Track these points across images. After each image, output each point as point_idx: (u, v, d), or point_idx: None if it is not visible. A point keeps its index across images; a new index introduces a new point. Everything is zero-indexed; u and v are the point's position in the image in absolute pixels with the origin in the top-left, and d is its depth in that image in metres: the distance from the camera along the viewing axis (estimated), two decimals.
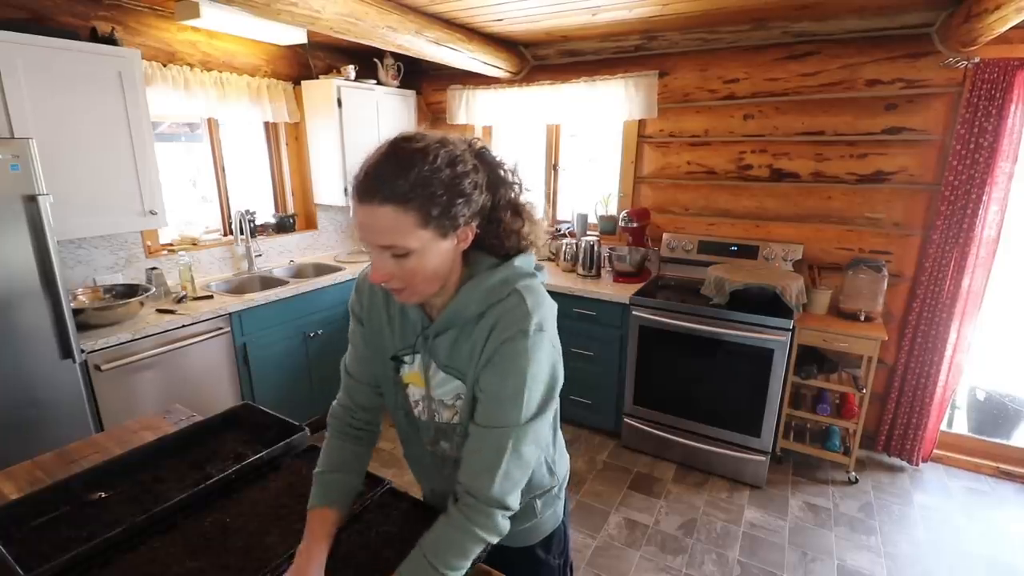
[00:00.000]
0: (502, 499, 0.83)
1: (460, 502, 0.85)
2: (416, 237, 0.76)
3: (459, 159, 0.77)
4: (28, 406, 1.95)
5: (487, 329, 0.84)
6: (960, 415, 3.10)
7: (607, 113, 3.23)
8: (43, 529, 1.02)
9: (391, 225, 0.74)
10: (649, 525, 2.45)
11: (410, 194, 0.73)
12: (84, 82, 2.17)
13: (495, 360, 0.83)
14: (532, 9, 2.56)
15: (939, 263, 2.61)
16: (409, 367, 0.95)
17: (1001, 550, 2.32)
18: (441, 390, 0.92)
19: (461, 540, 0.83)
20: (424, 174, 0.74)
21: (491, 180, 0.83)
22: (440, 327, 0.88)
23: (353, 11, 2.19)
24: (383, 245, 0.77)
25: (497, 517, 0.84)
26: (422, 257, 0.78)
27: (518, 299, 0.84)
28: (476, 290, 0.85)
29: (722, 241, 3.11)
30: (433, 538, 0.84)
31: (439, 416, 0.95)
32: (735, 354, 2.63)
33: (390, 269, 0.79)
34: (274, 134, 3.49)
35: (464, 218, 0.79)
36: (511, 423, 0.83)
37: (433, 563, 0.81)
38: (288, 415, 1.36)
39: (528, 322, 0.82)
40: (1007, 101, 2.35)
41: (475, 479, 0.84)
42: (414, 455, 1.08)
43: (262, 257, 3.32)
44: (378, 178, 0.75)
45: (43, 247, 1.90)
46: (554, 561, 1.10)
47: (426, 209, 0.74)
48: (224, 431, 1.37)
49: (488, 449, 0.83)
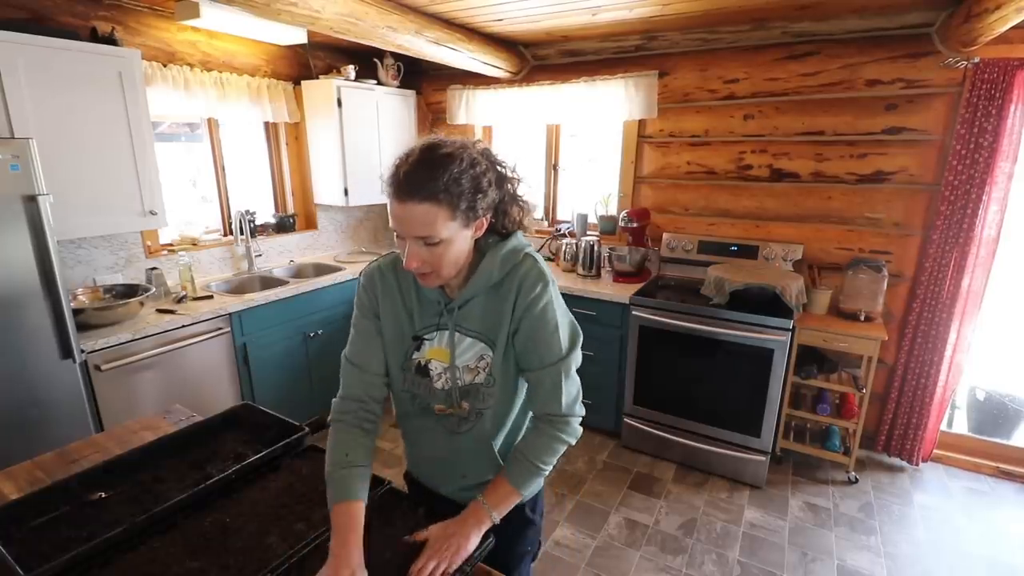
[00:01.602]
0: (569, 411, 1.06)
1: (542, 420, 1.07)
2: (446, 228, 0.90)
3: (477, 161, 0.92)
4: (28, 406, 1.94)
5: (513, 291, 1.01)
6: (960, 415, 3.10)
7: (607, 113, 3.23)
8: (43, 529, 1.02)
9: (426, 219, 0.88)
10: (649, 525, 2.45)
11: (442, 193, 0.88)
12: (84, 82, 2.17)
13: (527, 315, 1.01)
14: (532, 9, 2.56)
15: (939, 263, 2.61)
16: (430, 344, 1.06)
17: (1001, 550, 2.32)
18: (466, 356, 1.05)
19: (548, 443, 1.06)
20: (454, 175, 0.88)
21: (499, 177, 0.98)
22: (466, 296, 1.02)
23: (353, 11, 2.19)
24: (419, 236, 0.90)
25: (573, 423, 1.06)
26: (449, 245, 0.92)
27: (532, 261, 1.03)
28: (495, 259, 1.01)
29: (722, 241, 3.11)
30: (527, 444, 1.07)
31: (461, 381, 1.06)
32: (735, 354, 2.62)
33: (423, 256, 0.93)
34: (274, 134, 3.49)
35: (482, 210, 0.94)
36: (556, 358, 1.02)
37: (531, 459, 1.05)
38: (288, 415, 1.36)
39: (545, 277, 1.02)
40: (1007, 101, 2.35)
41: (547, 405, 1.06)
42: (417, 427, 1.16)
43: (262, 257, 3.32)
44: (415, 180, 0.88)
45: (43, 247, 1.90)
46: (538, 521, 1.24)
47: (455, 204, 0.89)
48: (224, 431, 1.37)
49: (548, 383, 1.04)
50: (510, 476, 1.05)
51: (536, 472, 1.05)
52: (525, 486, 1.06)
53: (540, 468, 1.05)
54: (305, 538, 0.98)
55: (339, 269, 3.32)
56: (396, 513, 1.09)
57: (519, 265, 1.02)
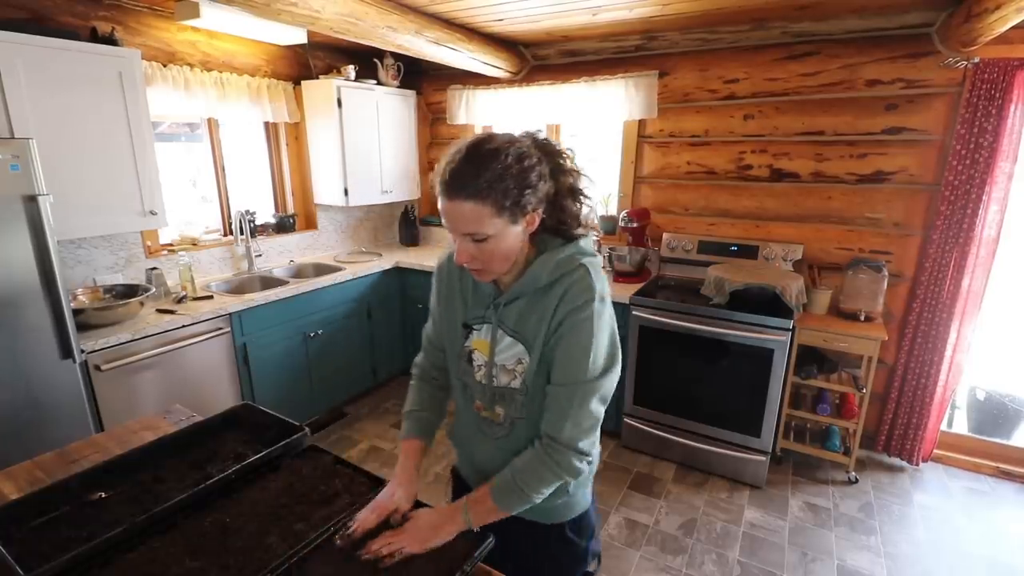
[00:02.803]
0: (572, 442, 0.97)
1: (541, 442, 1.00)
2: (492, 225, 0.90)
3: (526, 155, 0.90)
4: (28, 406, 1.94)
5: (557, 298, 0.97)
6: (960, 415, 3.10)
7: (607, 113, 3.23)
8: (43, 529, 1.02)
9: (471, 217, 0.89)
10: (649, 525, 2.45)
11: (486, 190, 0.87)
12: (84, 82, 2.17)
13: (565, 326, 0.97)
14: (532, 9, 2.56)
15: (939, 263, 2.61)
16: (477, 334, 1.08)
17: (1001, 550, 2.32)
18: (504, 355, 1.04)
19: (537, 469, 0.99)
20: (497, 172, 0.87)
21: (553, 169, 0.95)
22: (512, 295, 1.02)
23: (353, 11, 2.19)
24: (466, 233, 0.91)
25: (570, 457, 0.98)
26: (497, 241, 0.92)
27: (584, 272, 0.97)
28: (548, 263, 0.98)
29: (722, 241, 3.11)
30: (519, 461, 1.01)
31: (497, 380, 1.06)
32: (735, 354, 2.62)
33: (471, 252, 0.94)
34: (274, 134, 3.49)
35: (531, 205, 0.92)
36: (580, 379, 0.96)
37: (518, 482, 0.99)
38: (288, 415, 1.36)
39: (594, 292, 0.96)
40: (1007, 101, 2.35)
41: (551, 426, 0.99)
42: (464, 422, 1.19)
43: (262, 257, 3.32)
44: (459, 178, 0.88)
45: (43, 247, 1.90)
46: (581, 544, 1.17)
47: (499, 201, 0.88)
48: (224, 431, 1.37)
49: (562, 401, 0.98)
50: (494, 490, 1.00)
51: (521, 497, 0.99)
52: (508, 506, 1.00)
53: (525, 494, 0.99)
54: (305, 538, 0.98)
55: (339, 269, 3.32)
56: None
57: (570, 274, 0.98)
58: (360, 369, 3.46)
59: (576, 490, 1.13)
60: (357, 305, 3.32)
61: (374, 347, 3.51)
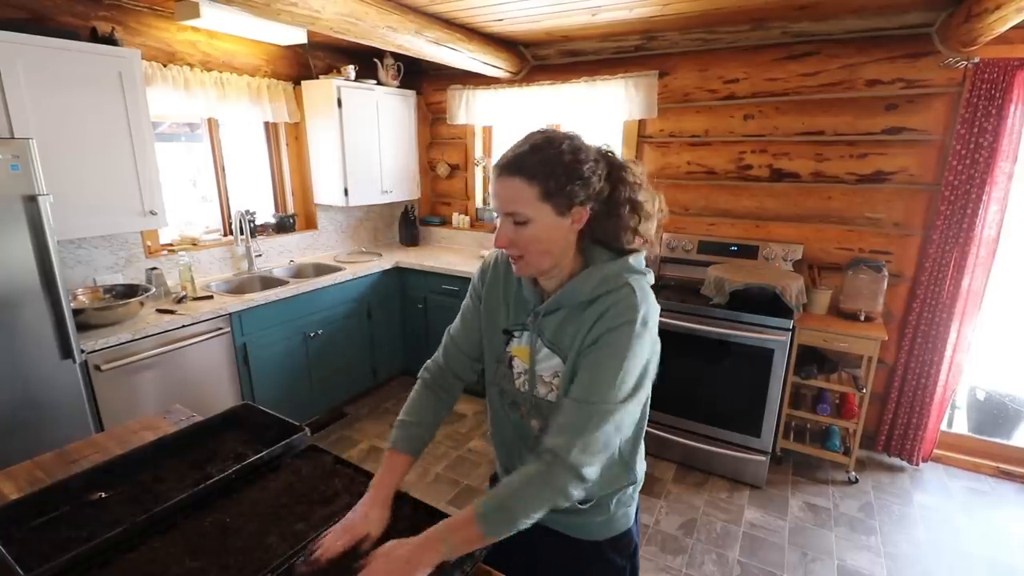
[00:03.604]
0: (578, 465, 0.87)
1: (540, 459, 0.90)
2: (535, 207, 0.88)
3: (582, 150, 0.90)
4: (28, 406, 1.94)
5: (596, 315, 0.92)
6: (960, 415, 3.10)
7: (607, 113, 3.23)
8: (43, 529, 1.02)
9: (516, 195, 0.89)
10: (649, 525, 2.45)
11: (535, 170, 0.87)
12: (84, 82, 2.17)
13: (600, 343, 0.91)
14: (532, 9, 2.56)
15: (939, 263, 2.61)
16: (517, 341, 1.05)
17: (1001, 550, 2.32)
18: (542, 366, 1.01)
19: (539, 489, 0.88)
20: (549, 155, 0.88)
21: (612, 174, 0.93)
22: (552, 306, 0.98)
23: (353, 11, 2.19)
24: (508, 212, 0.90)
25: (569, 483, 0.88)
26: (539, 227, 0.90)
27: (629, 291, 0.92)
28: (592, 277, 0.94)
29: (722, 241, 3.11)
30: (518, 480, 0.90)
31: (537, 391, 1.03)
32: (735, 354, 2.62)
33: (511, 235, 0.92)
34: (274, 134, 3.49)
35: (579, 199, 0.90)
36: (602, 400, 0.89)
37: (511, 503, 0.88)
38: (288, 415, 1.36)
39: (636, 314, 0.90)
40: (1007, 101, 2.35)
41: (558, 442, 0.89)
42: (500, 430, 1.15)
43: (262, 257, 3.32)
44: (516, 158, 0.89)
45: (43, 247, 1.90)
46: (620, 562, 1.13)
47: (546, 183, 0.87)
48: (224, 431, 1.37)
49: (577, 419, 0.89)
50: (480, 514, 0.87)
51: (511, 519, 0.87)
52: (495, 530, 0.87)
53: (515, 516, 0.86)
54: (305, 538, 0.98)
55: (339, 269, 3.32)
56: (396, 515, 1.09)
57: (615, 292, 0.92)
58: (360, 369, 3.46)
59: (617, 508, 1.08)
60: (357, 305, 3.32)
61: (374, 347, 3.51)
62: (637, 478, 1.11)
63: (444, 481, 2.76)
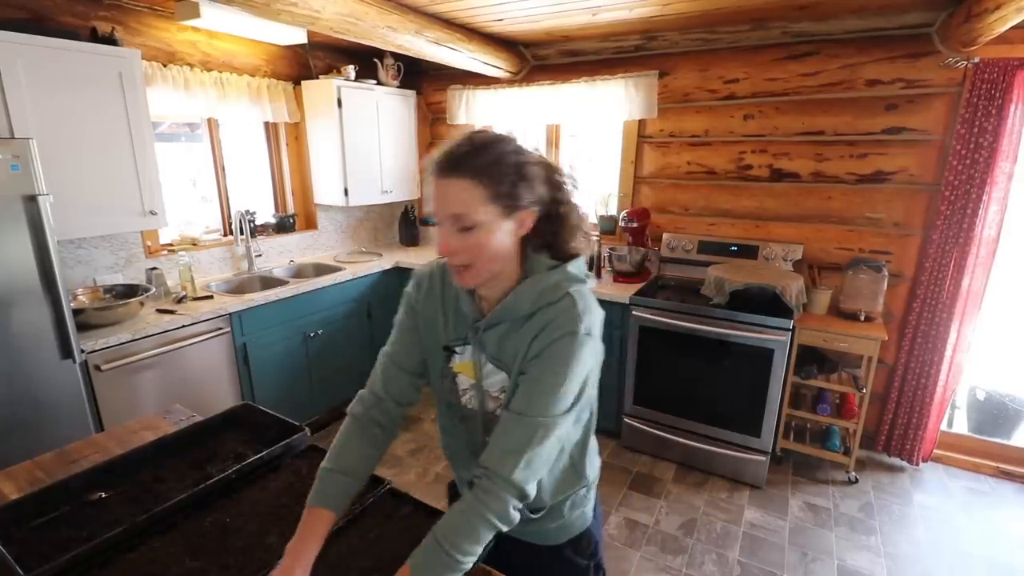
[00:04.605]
0: (521, 484, 0.85)
1: (477, 486, 0.86)
2: (483, 211, 0.83)
3: (524, 152, 0.87)
4: (28, 406, 1.94)
5: (537, 328, 0.89)
6: (960, 415, 3.10)
7: (607, 113, 3.23)
8: (43, 529, 1.02)
9: (464, 196, 0.83)
10: (649, 525, 2.45)
11: (483, 170, 0.83)
12: (84, 82, 2.17)
13: (542, 356, 0.88)
14: (532, 9, 2.56)
15: (939, 263, 2.61)
16: (460, 357, 1.00)
17: (1001, 550, 2.32)
18: (489, 381, 0.97)
19: (474, 524, 0.84)
20: (496, 154, 0.84)
21: (550, 177, 0.90)
22: (492, 320, 0.93)
23: (353, 11, 2.19)
24: (454, 214, 0.84)
25: (510, 504, 0.85)
26: (486, 233, 0.85)
27: (570, 302, 0.88)
28: (531, 289, 0.90)
29: (722, 241, 3.11)
30: (446, 523, 0.86)
31: (486, 406, 1.00)
32: (735, 354, 2.62)
33: (456, 243, 0.86)
34: (274, 134, 3.49)
35: (525, 201, 0.86)
36: (543, 414, 0.86)
37: (445, 547, 0.82)
38: (288, 415, 1.36)
39: (577, 325, 0.87)
40: (1007, 101, 2.35)
41: (499, 460, 0.86)
42: (452, 445, 1.11)
43: (262, 257, 3.32)
44: (457, 157, 0.84)
45: (43, 247, 1.90)
46: (582, 562, 1.11)
47: (495, 186, 0.83)
48: (224, 431, 1.37)
49: (517, 434, 0.86)
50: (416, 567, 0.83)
51: (451, 565, 0.82)
52: None
53: (455, 559, 0.82)
54: None
55: (339, 269, 3.31)
56: (395, 515, 1.09)
57: (555, 304, 0.88)
58: (360, 369, 3.45)
59: (572, 512, 1.07)
60: (357, 305, 3.32)
61: (374, 347, 3.46)
62: (589, 479, 1.09)
63: (444, 481, 2.75)
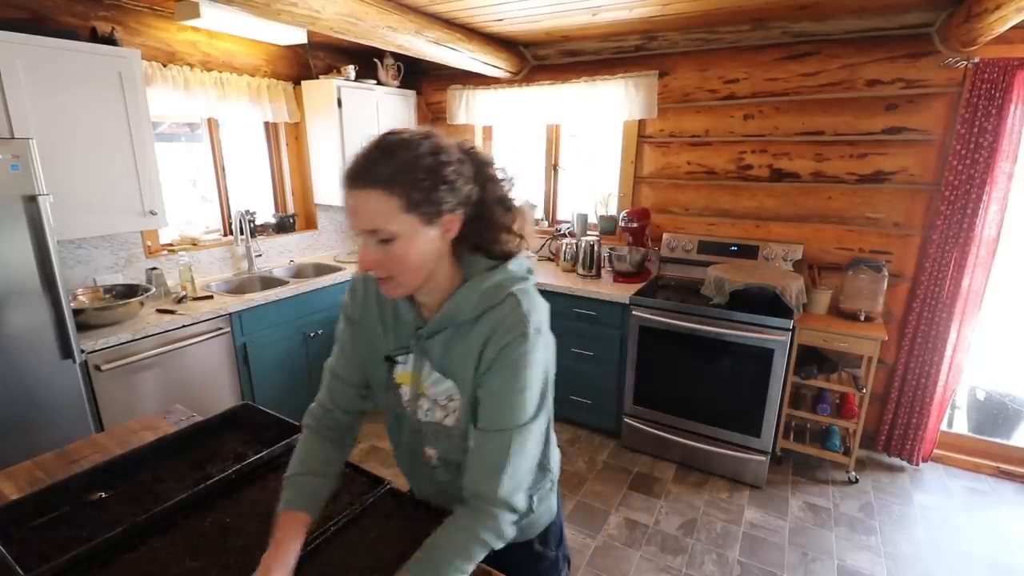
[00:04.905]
0: (509, 499, 0.84)
1: (467, 505, 0.86)
2: (400, 221, 0.78)
3: (442, 149, 0.81)
4: (28, 406, 1.94)
5: (485, 334, 0.86)
6: (960, 415, 3.10)
7: (607, 113, 3.23)
8: (43, 529, 1.02)
9: (376, 209, 0.78)
10: (649, 525, 2.45)
11: (394, 178, 0.77)
12: (84, 82, 2.17)
13: (496, 365, 0.85)
14: (532, 9, 2.56)
15: (939, 263, 2.61)
16: (403, 367, 0.97)
17: (1001, 550, 2.32)
18: (435, 390, 0.94)
19: (466, 543, 0.83)
20: (407, 159, 0.78)
21: (479, 174, 0.85)
22: (434, 328, 0.90)
23: (353, 11, 2.19)
24: (369, 229, 0.79)
25: (503, 521, 0.84)
26: (407, 243, 0.80)
27: (514, 303, 0.85)
28: (472, 293, 0.87)
29: (722, 241, 3.11)
30: (438, 541, 0.84)
31: (431, 415, 0.96)
32: (735, 354, 2.62)
33: (376, 256, 0.81)
34: (274, 134, 3.49)
35: (448, 205, 0.81)
36: (514, 424, 0.85)
37: (438, 566, 0.81)
38: (288, 415, 1.36)
39: (526, 326, 0.84)
40: (1007, 101, 2.35)
41: (482, 482, 0.85)
42: (403, 456, 1.09)
43: (262, 257, 3.32)
44: (365, 166, 0.79)
45: (43, 247, 1.90)
46: (551, 553, 1.13)
47: (409, 193, 0.77)
48: (224, 431, 1.37)
49: (493, 451, 0.85)
50: None
51: None
52: None
53: None
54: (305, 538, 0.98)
55: (339, 269, 3.32)
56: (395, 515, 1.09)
57: (499, 306, 0.85)
58: None
59: (540, 506, 1.08)
60: None
61: None
62: (553, 471, 1.10)
63: None
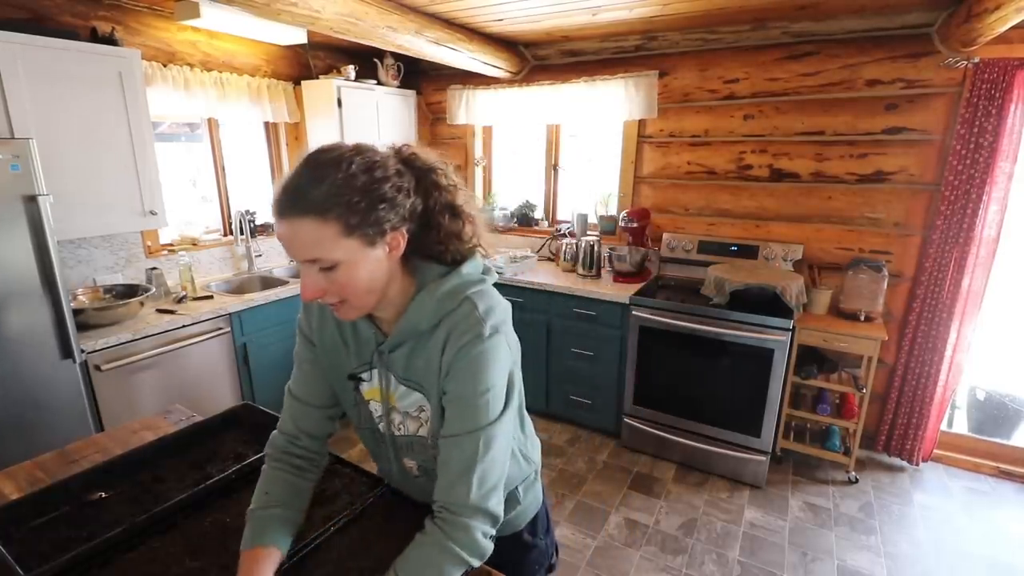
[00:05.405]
0: (481, 504, 0.81)
1: (437, 517, 0.82)
2: (340, 248, 0.74)
3: (377, 165, 0.76)
4: (28, 406, 1.94)
5: (442, 340, 0.84)
6: (960, 415, 3.10)
7: (607, 113, 3.23)
8: (43, 529, 1.02)
9: (313, 238, 0.73)
10: (649, 525, 2.45)
11: (327, 203, 0.72)
12: (84, 82, 2.17)
13: (454, 368, 0.83)
14: (533, 9, 2.56)
15: (939, 263, 2.61)
16: (368, 384, 0.95)
17: (1001, 550, 2.32)
18: (404, 403, 0.92)
19: (439, 560, 0.79)
20: (339, 182, 0.73)
21: (421, 184, 0.82)
22: (394, 342, 0.88)
23: (353, 11, 2.19)
24: (308, 259, 0.75)
25: (477, 532, 0.81)
26: (351, 268, 0.76)
27: (470, 307, 0.83)
28: (427, 303, 0.84)
29: (722, 241, 3.11)
30: (407, 559, 0.80)
31: (405, 429, 0.95)
32: (735, 354, 2.62)
33: (321, 284, 0.77)
34: (274, 134, 3.49)
35: (390, 223, 0.77)
36: (478, 426, 0.82)
37: None
38: None
39: (482, 327, 0.81)
40: (1007, 101, 2.35)
41: (450, 490, 0.81)
42: (384, 468, 1.09)
43: (262, 257, 3.32)
44: (294, 192, 0.74)
45: (43, 247, 1.90)
46: (541, 542, 1.14)
47: (345, 218, 0.73)
48: (224, 431, 1.37)
49: (459, 457, 0.82)
50: None
51: None
52: None
53: None
54: (305, 538, 0.98)
55: None
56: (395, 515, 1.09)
57: (454, 312, 0.83)
58: None
59: (526, 496, 1.08)
60: None
61: None
62: (535, 461, 1.11)
63: None
